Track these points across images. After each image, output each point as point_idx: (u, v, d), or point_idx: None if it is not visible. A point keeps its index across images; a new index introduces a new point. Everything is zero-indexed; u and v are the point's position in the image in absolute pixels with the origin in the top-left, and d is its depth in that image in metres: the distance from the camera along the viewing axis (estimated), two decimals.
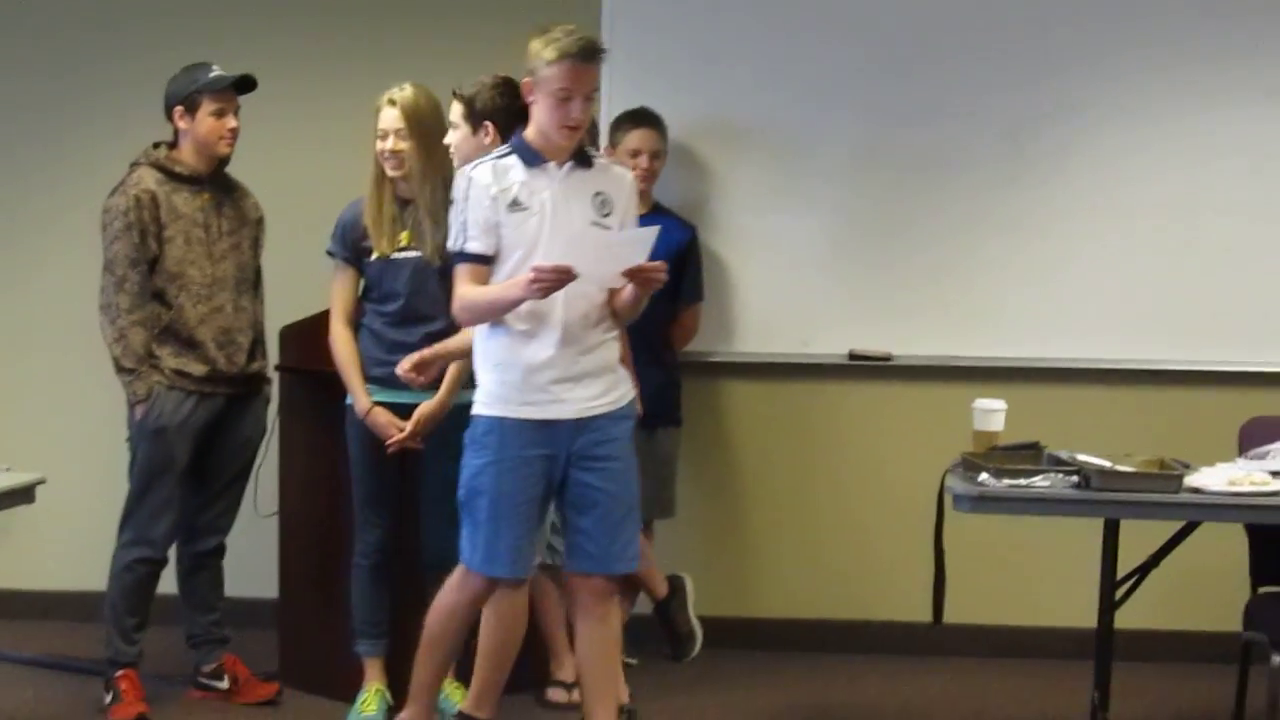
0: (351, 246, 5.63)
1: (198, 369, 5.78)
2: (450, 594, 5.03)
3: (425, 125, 5.53)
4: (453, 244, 4.90)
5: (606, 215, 4.90)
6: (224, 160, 5.87)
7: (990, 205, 6.65)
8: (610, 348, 4.96)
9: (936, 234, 6.67)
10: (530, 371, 4.85)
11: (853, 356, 6.69)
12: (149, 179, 5.75)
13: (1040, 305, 6.64)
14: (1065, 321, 6.63)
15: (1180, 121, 6.58)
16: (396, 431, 5.53)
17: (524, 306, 4.78)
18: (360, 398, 5.58)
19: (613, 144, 6.22)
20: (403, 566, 5.73)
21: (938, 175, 6.66)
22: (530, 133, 4.90)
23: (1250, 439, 5.42)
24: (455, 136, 5.40)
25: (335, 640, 5.87)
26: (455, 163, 5.40)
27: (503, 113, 5.26)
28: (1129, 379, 6.64)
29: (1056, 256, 6.62)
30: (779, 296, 6.73)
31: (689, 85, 6.62)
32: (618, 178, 5.01)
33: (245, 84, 5.85)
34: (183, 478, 5.85)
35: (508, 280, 4.80)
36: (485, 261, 4.85)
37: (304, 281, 5.89)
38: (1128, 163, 6.60)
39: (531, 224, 4.81)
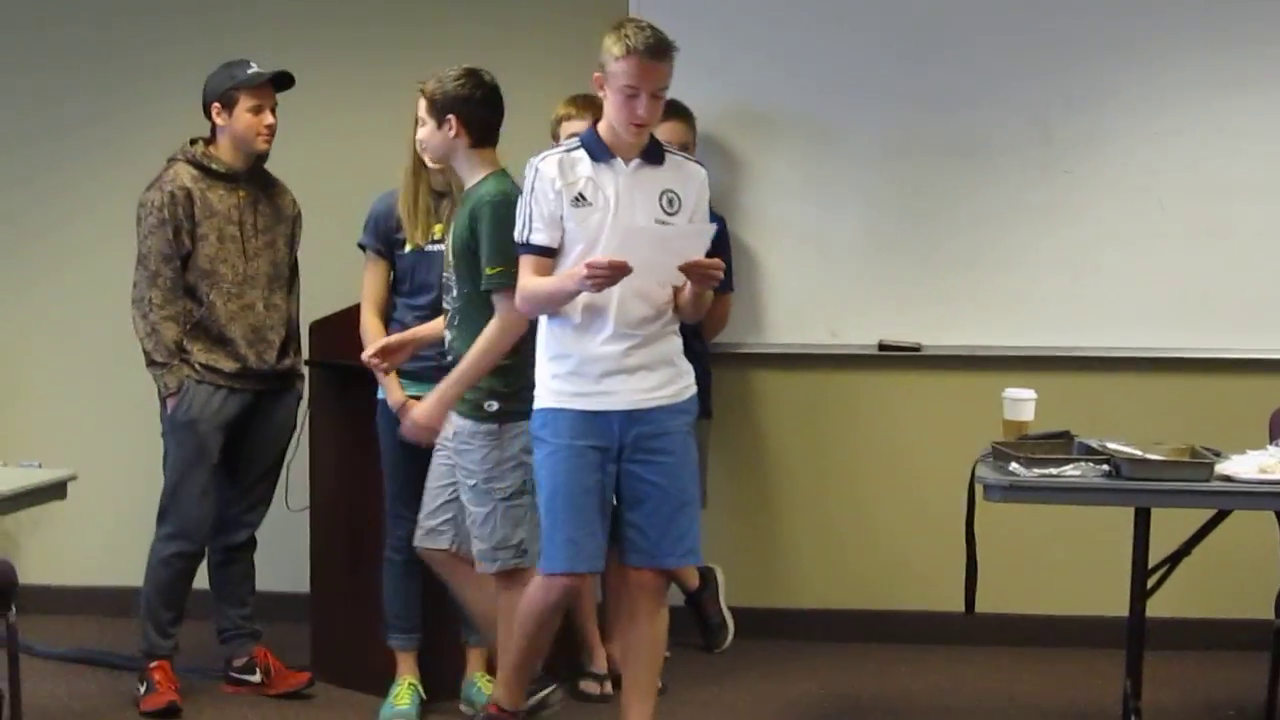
0: (384, 238, 5.65)
1: (228, 365, 5.80)
2: (530, 593, 5.01)
3: None
4: (518, 235, 4.90)
5: (673, 213, 4.87)
6: (262, 157, 5.89)
7: (1020, 193, 6.63)
8: (670, 341, 4.95)
9: (965, 223, 6.66)
10: (582, 363, 4.85)
11: (882, 347, 6.69)
12: (184, 175, 5.78)
13: (1070, 293, 6.62)
14: (1095, 310, 6.61)
15: (1211, 106, 6.55)
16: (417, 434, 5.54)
17: (581, 299, 4.78)
18: (395, 391, 5.57)
19: None
20: None
21: (967, 163, 6.65)
22: (602, 127, 4.90)
23: None
24: (423, 132, 5.32)
25: (367, 633, 5.88)
26: (426, 158, 5.43)
27: (464, 104, 5.17)
28: (1159, 367, 6.62)
29: (1086, 244, 6.61)
30: (808, 287, 6.73)
31: (717, 75, 6.60)
32: (690, 174, 4.97)
33: (282, 81, 5.87)
34: (216, 470, 5.88)
35: (565, 273, 4.80)
36: (549, 254, 4.85)
37: (334, 276, 5.92)
38: (1158, 149, 6.57)
39: (594, 219, 4.80)
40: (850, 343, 6.72)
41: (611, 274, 4.62)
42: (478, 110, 5.18)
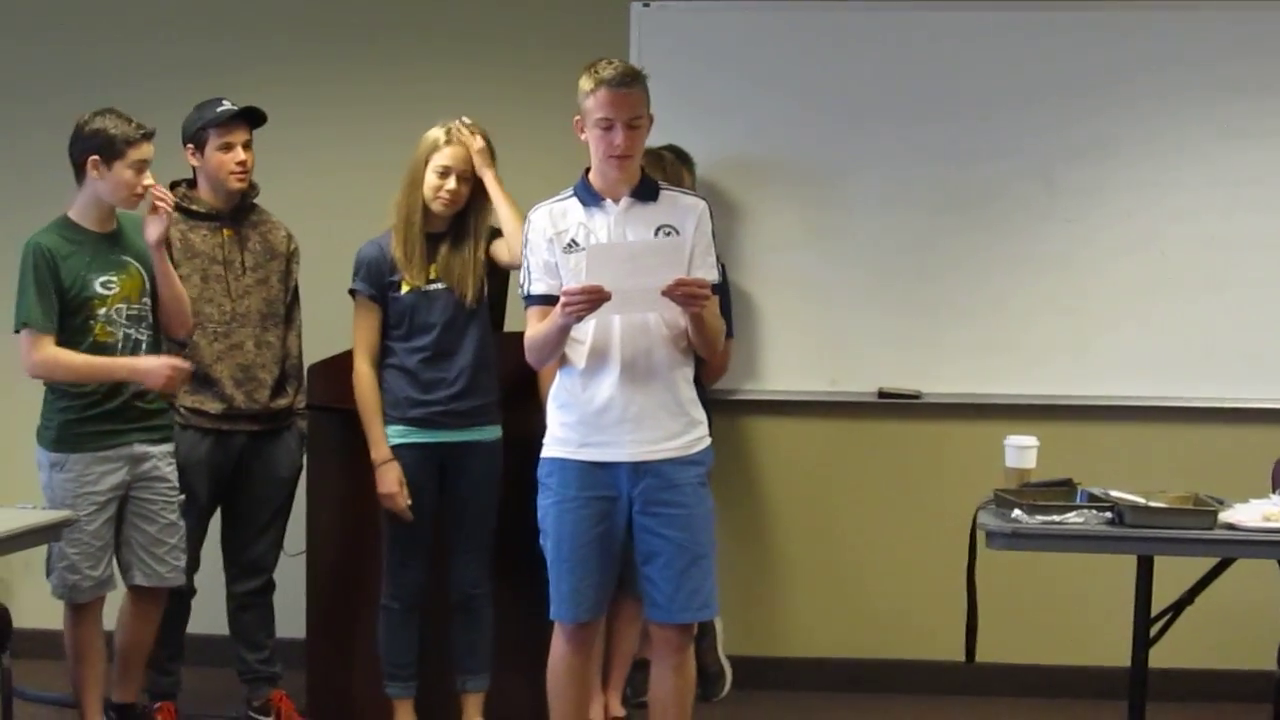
0: (378, 283, 5.62)
1: (213, 407, 5.78)
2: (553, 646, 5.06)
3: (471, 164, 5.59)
4: (521, 289, 4.96)
5: None
6: (247, 194, 5.88)
7: (1021, 242, 6.63)
8: (680, 388, 4.93)
9: (966, 271, 6.65)
10: (588, 413, 4.85)
11: (882, 394, 6.67)
12: None
13: (1071, 342, 6.61)
14: (1097, 358, 6.61)
15: (1214, 158, 6.56)
16: (398, 494, 5.55)
17: (586, 345, 4.80)
18: (380, 447, 5.57)
19: None
20: (428, 607, 5.72)
21: (968, 212, 6.64)
22: (591, 173, 4.92)
23: None
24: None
25: (363, 680, 5.85)
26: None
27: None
28: (1161, 416, 6.61)
29: (1088, 293, 6.60)
30: (808, 334, 6.72)
31: (718, 123, 6.62)
32: (687, 208, 4.96)
33: (255, 118, 5.86)
34: (205, 513, 5.88)
35: (551, 313, 4.80)
36: (550, 302, 4.85)
37: (331, 319, 5.88)
38: (1160, 200, 6.58)
39: (581, 266, 4.79)
40: (850, 390, 6.70)
41: (587, 298, 4.62)
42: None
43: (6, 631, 5.30)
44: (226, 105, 5.80)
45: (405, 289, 5.58)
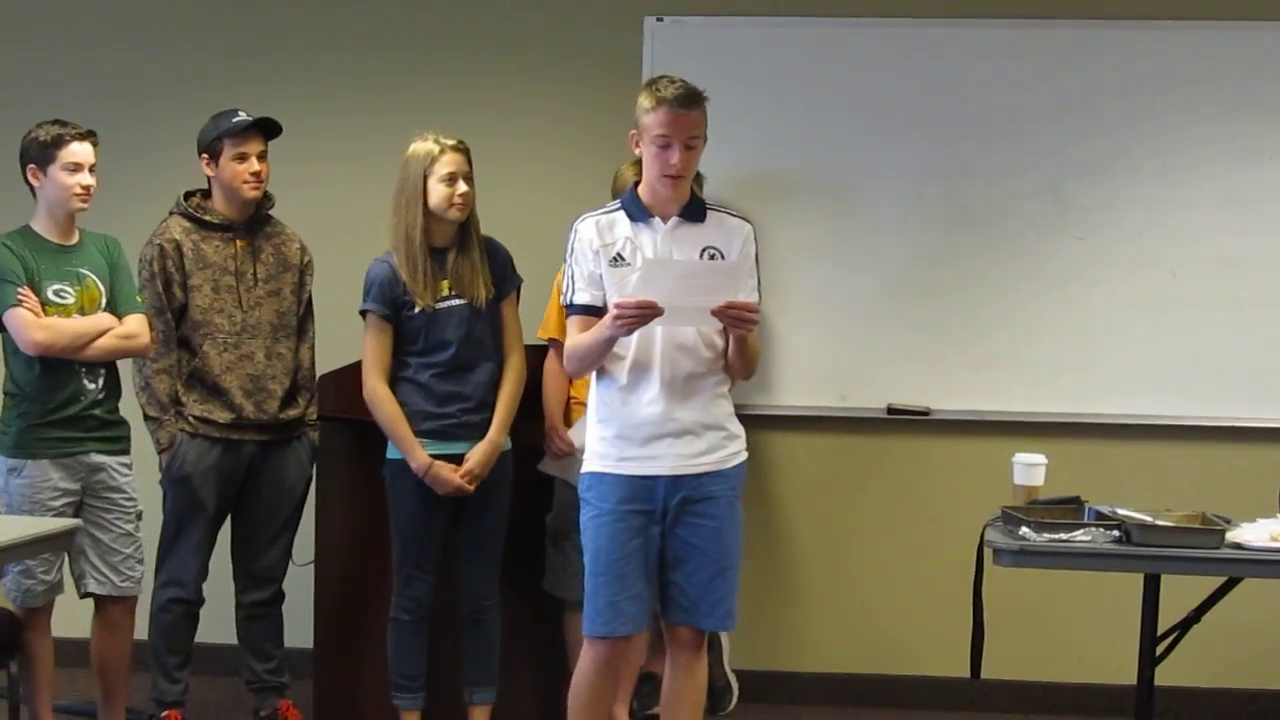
0: (391, 302, 5.60)
1: (223, 416, 5.79)
2: (581, 658, 5.06)
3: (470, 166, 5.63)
4: (563, 298, 4.99)
5: None
6: (261, 205, 5.90)
7: (1032, 260, 6.63)
8: (719, 404, 4.96)
9: (976, 288, 6.66)
10: (628, 427, 4.88)
11: (891, 410, 6.67)
12: (176, 228, 5.80)
13: (1080, 360, 6.61)
14: (1106, 376, 6.61)
15: (1224, 177, 6.56)
16: (458, 483, 5.56)
17: (627, 360, 4.83)
18: (418, 454, 5.56)
19: None
20: (436, 618, 5.72)
21: (978, 230, 6.65)
22: (641, 188, 4.95)
23: None
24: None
25: (371, 691, 5.86)
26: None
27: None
28: (1170, 435, 6.60)
29: (1098, 311, 6.60)
30: (817, 350, 6.73)
31: (729, 137, 6.56)
32: (733, 230, 4.99)
33: (270, 128, 5.88)
34: (214, 522, 5.89)
35: (599, 323, 4.82)
36: (592, 312, 4.88)
37: (343, 330, 5.89)
38: (1171, 218, 6.58)
39: (632, 279, 4.80)
40: (859, 406, 6.71)
41: (640, 313, 4.63)
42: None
43: (14, 639, 5.33)
44: (242, 116, 5.81)
45: (419, 308, 5.57)
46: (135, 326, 5.60)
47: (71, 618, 5.88)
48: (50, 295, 5.48)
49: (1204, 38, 6.56)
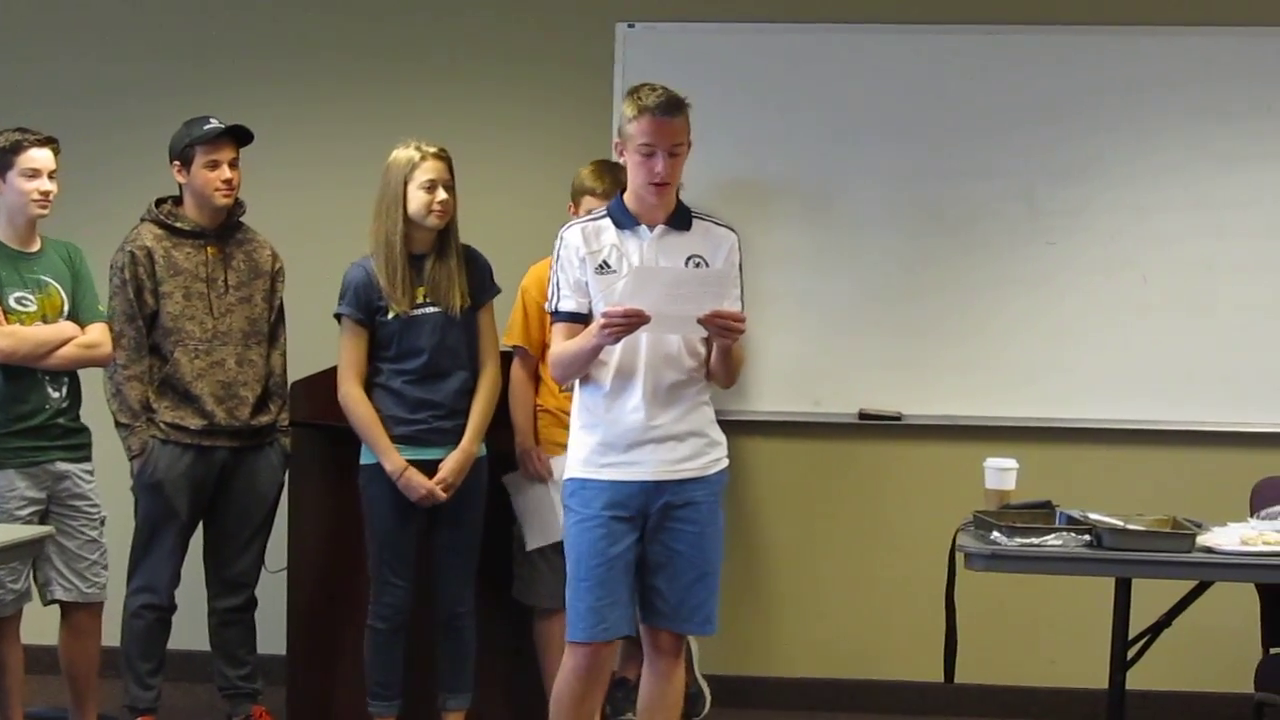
0: (366, 307, 5.60)
1: (194, 422, 5.78)
2: (562, 666, 5.05)
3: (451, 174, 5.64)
4: (549, 304, 5.00)
5: None
6: (233, 212, 5.89)
7: (1004, 265, 6.65)
8: (701, 411, 4.98)
9: (948, 293, 6.67)
10: (611, 434, 4.88)
11: (863, 416, 6.68)
12: (147, 235, 5.80)
13: (1052, 365, 6.63)
14: (1077, 381, 6.63)
15: (1196, 182, 6.59)
16: (431, 489, 5.55)
17: (610, 366, 4.84)
18: (393, 458, 5.56)
19: None
20: (410, 625, 5.72)
21: (951, 235, 6.67)
22: (627, 195, 4.96)
23: (1262, 499, 5.43)
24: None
25: (345, 697, 5.87)
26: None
27: None
28: (1141, 439, 6.62)
29: (1070, 316, 6.62)
30: (790, 355, 6.73)
31: (701, 142, 6.55)
32: (719, 239, 5.01)
33: (242, 136, 5.87)
34: (187, 528, 5.87)
35: (585, 330, 4.82)
36: (578, 320, 4.89)
37: (315, 336, 5.89)
38: (1143, 223, 6.60)
39: (618, 286, 4.81)
40: (831, 411, 6.72)
41: (627, 322, 4.64)
42: None
43: None
44: (214, 123, 5.81)
45: (393, 314, 5.58)
46: (98, 336, 5.61)
47: (41, 625, 5.86)
48: (12, 303, 5.48)
49: (1175, 43, 6.59)
